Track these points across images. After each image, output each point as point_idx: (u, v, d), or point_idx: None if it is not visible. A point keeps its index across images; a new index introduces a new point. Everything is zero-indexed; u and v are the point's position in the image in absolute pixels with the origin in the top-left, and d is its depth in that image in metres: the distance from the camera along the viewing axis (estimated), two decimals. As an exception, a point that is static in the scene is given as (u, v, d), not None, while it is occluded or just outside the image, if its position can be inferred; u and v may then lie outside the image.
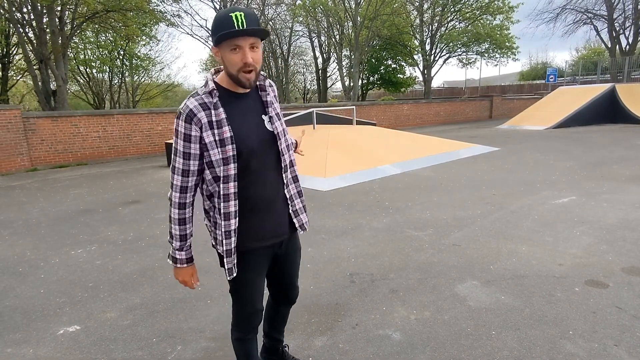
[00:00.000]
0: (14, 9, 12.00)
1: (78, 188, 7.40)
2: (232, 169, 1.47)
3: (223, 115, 1.46)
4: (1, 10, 12.74)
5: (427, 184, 6.57)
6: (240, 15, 1.36)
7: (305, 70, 34.43)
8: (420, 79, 27.21)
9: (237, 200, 1.51)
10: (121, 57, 22.68)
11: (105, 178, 8.37)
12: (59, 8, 12.04)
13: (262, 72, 1.56)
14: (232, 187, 1.49)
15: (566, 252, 3.64)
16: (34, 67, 13.26)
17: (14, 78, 20.34)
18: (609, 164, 7.60)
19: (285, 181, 1.64)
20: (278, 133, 1.58)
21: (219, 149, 1.45)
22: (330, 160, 7.52)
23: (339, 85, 31.26)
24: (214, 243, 1.65)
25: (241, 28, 1.35)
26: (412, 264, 3.51)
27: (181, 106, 1.46)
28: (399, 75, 27.55)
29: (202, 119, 1.44)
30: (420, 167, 7.98)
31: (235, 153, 1.46)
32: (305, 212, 1.77)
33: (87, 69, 22.36)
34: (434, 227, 4.44)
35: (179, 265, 1.61)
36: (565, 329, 2.47)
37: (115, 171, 9.23)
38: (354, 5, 21.40)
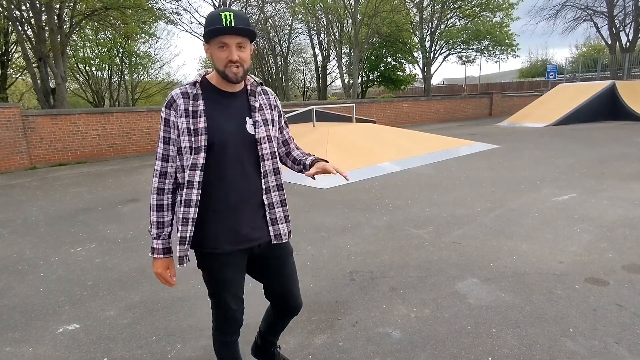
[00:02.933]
0: (12, 6, 11.95)
1: (77, 186, 7.39)
2: (201, 158, 1.50)
3: (201, 107, 1.51)
4: (0, 8, 12.69)
5: (427, 181, 6.56)
6: (230, 15, 1.43)
7: (304, 67, 34.41)
8: (420, 76, 27.17)
9: (199, 190, 1.52)
10: (120, 55, 22.65)
11: (105, 176, 8.36)
12: (57, 6, 11.99)
13: (256, 79, 1.66)
14: (197, 175, 1.51)
15: (566, 249, 3.63)
16: (33, 65, 13.22)
17: (13, 76, 20.28)
18: (609, 161, 7.59)
19: (264, 187, 1.63)
20: (260, 138, 1.58)
21: (193, 137, 1.49)
22: (330, 158, 7.46)
23: (338, 82, 31.26)
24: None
25: (228, 26, 1.42)
26: (412, 262, 3.50)
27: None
28: (398, 73, 27.50)
29: (180, 106, 1.50)
30: (420, 164, 7.97)
31: (206, 144, 1.49)
32: (287, 222, 1.71)
33: (86, 67, 22.33)
34: (434, 225, 4.43)
35: (155, 256, 1.59)
36: (565, 326, 2.46)
37: (115, 169, 9.22)
38: (353, 3, 21.34)
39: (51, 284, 3.37)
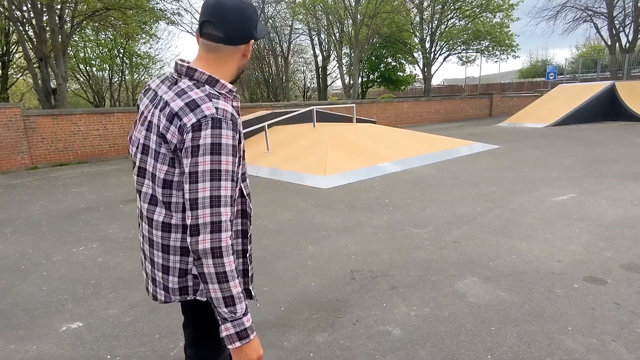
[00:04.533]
0: (13, 7, 11.98)
1: (79, 186, 7.41)
2: (248, 186, 1.32)
3: None
4: (1, 9, 12.73)
5: (427, 181, 6.58)
6: None
7: (305, 68, 34.40)
8: (420, 76, 27.22)
9: (247, 219, 1.30)
10: (121, 55, 22.69)
11: (106, 176, 8.38)
12: (58, 6, 12.03)
13: None
14: (246, 202, 1.29)
15: (565, 248, 3.65)
16: (34, 65, 13.26)
17: (14, 76, 20.35)
18: (609, 161, 7.61)
19: None
20: None
21: (243, 161, 1.25)
22: (331, 158, 7.53)
23: (339, 83, 31.28)
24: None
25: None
26: (412, 261, 3.52)
27: (213, 111, 1.07)
28: (399, 73, 27.55)
29: (240, 126, 1.15)
30: (421, 164, 7.99)
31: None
32: None
33: (87, 67, 22.38)
34: (434, 225, 4.46)
35: (252, 337, 1.11)
36: (564, 324, 2.49)
37: (116, 169, 9.24)
38: (353, 3, 21.37)
39: (54, 283, 3.39)
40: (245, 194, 1.26)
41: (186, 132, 1.06)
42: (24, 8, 12.51)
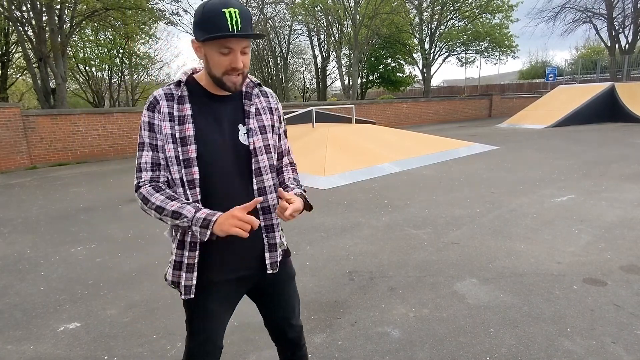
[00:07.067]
0: (13, 7, 11.98)
1: (78, 186, 7.40)
2: (197, 172, 1.29)
3: (188, 112, 1.30)
4: (0, 9, 12.72)
5: (426, 182, 6.58)
6: (235, 12, 1.18)
7: (304, 68, 34.49)
8: (420, 77, 27.25)
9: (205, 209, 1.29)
10: (120, 56, 22.65)
11: (105, 176, 8.37)
12: (58, 6, 12.02)
13: (253, 79, 1.43)
14: (198, 193, 1.30)
15: (565, 250, 3.65)
16: (33, 65, 13.25)
17: (14, 76, 20.34)
18: (608, 162, 7.61)
19: (260, 207, 1.39)
20: (255, 148, 1.36)
21: (180, 147, 1.28)
22: (330, 159, 7.52)
23: (338, 84, 31.31)
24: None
25: (236, 30, 1.18)
26: (411, 262, 3.52)
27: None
28: (398, 74, 27.59)
29: (163, 108, 1.29)
30: (420, 165, 7.99)
31: (196, 155, 1.28)
32: (282, 248, 1.51)
33: (87, 68, 22.33)
34: (432, 226, 4.45)
35: (214, 219, 1.22)
36: (563, 326, 2.48)
37: (116, 169, 9.23)
38: (353, 4, 21.39)
39: (52, 283, 3.38)
40: (193, 180, 1.31)
41: None
42: (24, 8, 12.50)
